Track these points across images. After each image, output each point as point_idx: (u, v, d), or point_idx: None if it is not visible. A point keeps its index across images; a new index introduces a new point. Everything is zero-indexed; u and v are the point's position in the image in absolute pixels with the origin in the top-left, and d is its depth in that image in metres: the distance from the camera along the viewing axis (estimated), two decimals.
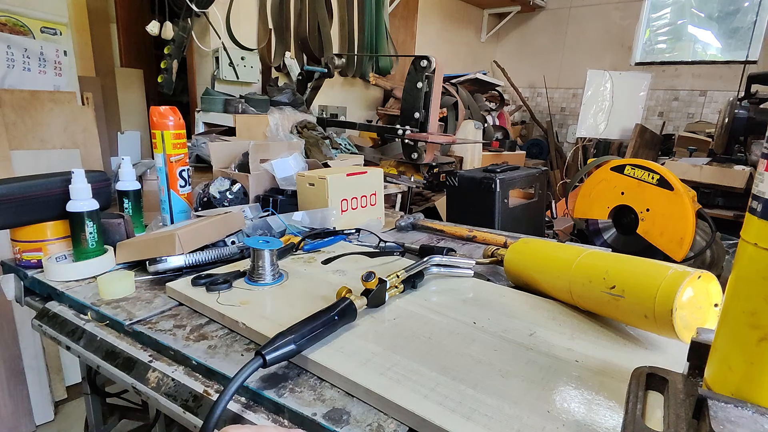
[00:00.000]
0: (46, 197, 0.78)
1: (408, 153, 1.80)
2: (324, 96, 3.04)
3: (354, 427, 0.44)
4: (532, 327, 0.60)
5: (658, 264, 0.56)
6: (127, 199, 0.94)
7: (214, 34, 2.43)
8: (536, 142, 4.57)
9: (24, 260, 0.81)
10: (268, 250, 0.71)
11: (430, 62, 1.64)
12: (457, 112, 3.10)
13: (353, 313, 0.58)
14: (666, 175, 1.69)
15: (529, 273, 0.73)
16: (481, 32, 4.85)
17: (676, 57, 4.21)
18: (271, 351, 0.44)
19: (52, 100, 1.78)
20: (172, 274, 0.78)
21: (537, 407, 0.43)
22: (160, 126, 0.92)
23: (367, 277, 0.62)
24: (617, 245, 1.88)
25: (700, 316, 0.53)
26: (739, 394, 0.35)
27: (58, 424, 1.72)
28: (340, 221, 1.05)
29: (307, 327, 0.50)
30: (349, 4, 3.05)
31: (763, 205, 0.33)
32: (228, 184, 1.12)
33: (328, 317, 0.54)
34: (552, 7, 4.71)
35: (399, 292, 0.68)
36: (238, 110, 2.13)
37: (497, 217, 1.64)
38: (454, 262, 0.78)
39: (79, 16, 2.01)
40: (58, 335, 0.69)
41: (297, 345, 0.48)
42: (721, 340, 0.37)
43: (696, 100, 4.09)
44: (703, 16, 4.06)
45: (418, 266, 0.72)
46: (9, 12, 1.70)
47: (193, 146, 1.47)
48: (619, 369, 0.50)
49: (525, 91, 4.85)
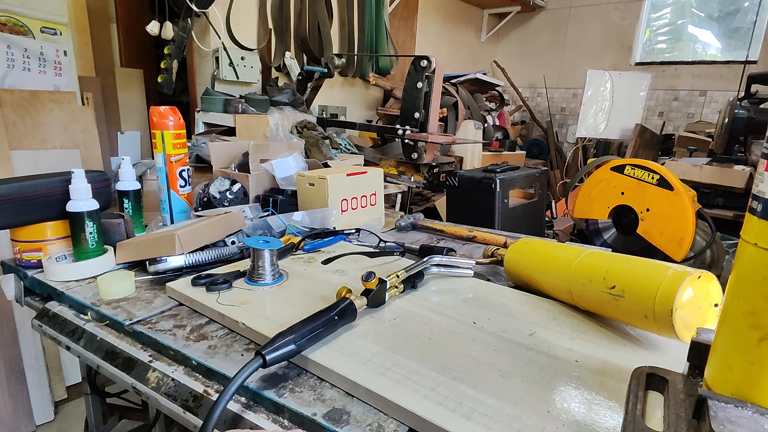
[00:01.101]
0: (46, 197, 0.78)
1: (408, 153, 1.80)
2: (324, 96, 3.03)
3: (354, 427, 0.44)
4: (532, 327, 0.60)
5: (658, 264, 0.56)
6: (127, 199, 0.94)
7: (214, 34, 2.43)
8: (536, 142, 4.57)
9: (24, 260, 0.81)
10: (268, 250, 0.71)
11: (430, 62, 1.64)
12: (457, 112, 3.10)
13: (353, 313, 0.58)
14: (666, 175, 1.69)
15: (529, 273, 0.73)
16: (481, 32, 4.85)
17: (676, 57, 4.21)
18: (271, 351, 0.44)
19: (52, 100, 1.78)
20: (172, 274, 0.78)
21: (537, 407, 0.43)
22: (160, 126, 0.92)
23: (367, 277, 0.62)
24: (617, 245, 1.88)
25: (700, 316, 0.53)
26: (739, 394, 0.35)
27: (58, 424, 1.72)
28: (340, 221, 1.05)
29: (307, 327, 0.50)
30: (349, 4, 3.05)
31: (763, 205, 0.33)
32: (228, 184, 1.12)
33: (328, 317, 0.54)
34: (552, 7, 4.71)
35: (399, 292, 0.68)
36: (238, 110, 2.14)
37: (497, 217, 1.64)
38: (454, 262, 0.78)
39: (79, 16, 2.01)
40: (58, 335, 0.69)
41: (297, 345, 0.48)
42: (721, 340, 0.37)
43: (696, 100, 4.09)
44: (703, 16, 4.06)
45: (418, 266, 0.72)
46: (9, 12, 1.70)
47: (193, 146, 1.47)
48: (619, 369, 0.50)
49: (525, 91, 4.85)
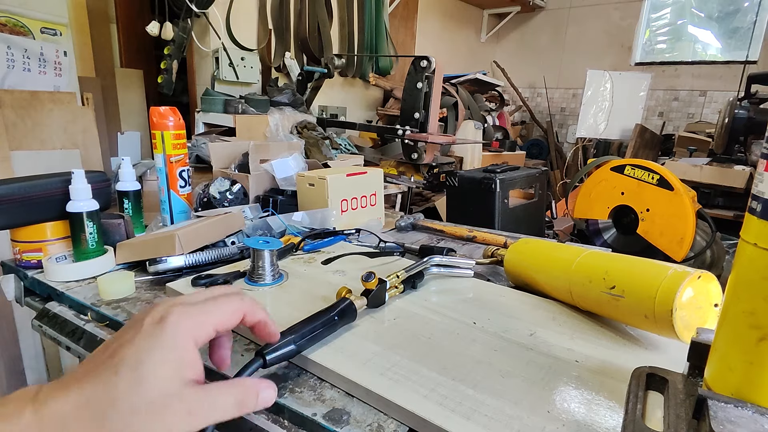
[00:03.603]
0: (46, 197, 0.78)
1: (408, 153, 1.80)
2: (324, 96, 3.04)
3: (354, 427, 0.44)
4: (532, 327, 0.60)
5: (658, 264, 0.56)
6: (127, 200, 0.94)
7: (214, 35, 2.43)
8: (536, 142, 4.57)
9: (24, 261, 0.81)
10: (268, 250, 0.71)
11: (430, 62, 1.64)
12: (457, 112, 3.10)
13: (353, 314, 0.57)
14: (666, 175, 1.69)
15: (529, 273, 0.73)
16: (481, 32, 4.85)
17: (676, 57, 4.21)
18: (271, 351, 0.44)
19: (52, 100, 1.78)
20: (172, 274, 0.78)
21: (537, 407, 0.43)
22: (160, 126, 0.92)
23: (367, 277, 0.62)
24: (617, 245, 1.88)
25: (700, 316, 0.53)
26: (739, 394, 0.35)
27: None
28: (340, 221, 1.05)
29: (307, 327, 0.50)
30: (349, 4, 3.05)
31: (763, 205, 0.33)
32: (228, 184, 1.12)
33: (328, 317, 0.53)
34: (552, 7, 4.71)
35: (399, 293, 0.68)
36: (238, 110, 2.14)
37: (497, 217, 1.64)
38: (454, 262, 0.78)
39: (79, 17, 2.01)
40: (58, 335, 0.69)
41: (297, 345, 0.48)
42: (721, 340, 0.37)
43: (696, 100, 4.09)
44: (703, 16, 4.06)
45: (418, 266, 0.72)
46: (9, 12, 1.70)
47: (193, 146, 1.47)
48: (619, 369, 0.50)
49: (525, 91, 4.85)
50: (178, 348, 0.30)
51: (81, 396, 0.28)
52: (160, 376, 0.28)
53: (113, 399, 0.27)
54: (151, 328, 0.30)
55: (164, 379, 0.29)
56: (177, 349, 0.30)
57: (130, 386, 0.28)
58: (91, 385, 0.28)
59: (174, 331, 0.30)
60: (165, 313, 0.31)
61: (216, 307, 0.34)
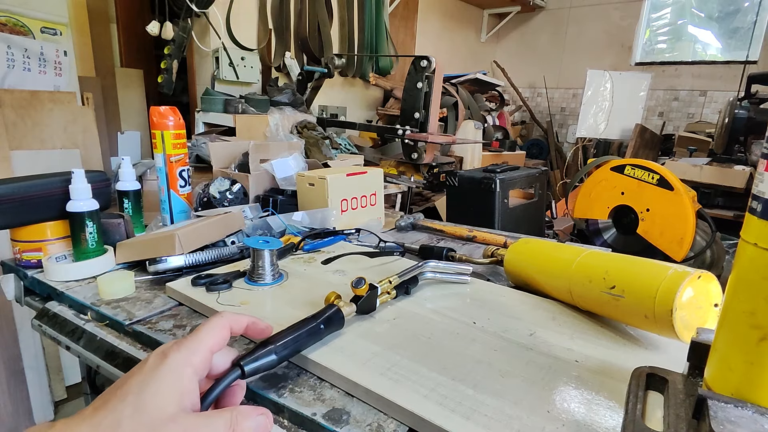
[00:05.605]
0: (46, 197, 0.78)
1: (408, 153, 1.80)
2: (324, 96, 3.04)
3: (354, 427, 0.44)
4: (532, 327, 0.60)
5: (658, 264, 0.56)
6: (127, 199, 0.94)
7: (214, 34, 2.43)
8: (536, 142, 4.57)
9: (24, 260, 0.81)
10: (268, 250, 0.71)
11: (430, 62, 1.64)
12: (457, 112, 3.10)
13: (341, 321, 0.55)
14: (666, 175, 1.69)
15: (529, 273, 0.73)
16: (481, 32, 4.85)
17: (676, 57, 4.21)
18: (251, 362, 0.43)
19: (52, 100, 1.78)
20: (172, 274, 0.78)
21: (537, 407, 0.43)
22: (160, 126, 0.92)
23: (357, 283, 0.59)
24: (617, 245, 1.88)
25: (700, 316, 0.53)
26: (739, 394, 0.35)
27: None
28: (340, 221, 1.05)
29: (289, 336, 0.48)
30: (349, 4, 3.05)
31: (763, 205, 0.33)
32: (228, 184, 1.12)
33: (313, 326, 0.51)
34: (552, 7, 4.71)
35: (391, 298, 0.66)
36: (238, 110, 2.14)
37: (497, 217, 1.64)
38: (450, 268, 0.75)
39: (79, 16, 2.01)
40: (58, 335, 0.69)
41: (278, 355, 0.46)
42: (721, 340, 0.37)
43: (696, 100, 4.09)
44: (703, 16, 4.06)
45: (412, 271, 0.69)
46: (9, 12, 1.70)
47: (193, 146, 1.47)
48: (619, 369, 0.50)
49: (525, 91, 4.85)
50: (176, 377, 0.34)
51: (92, 425, 0.31)
52: (159, 402, 0.32)
53: (119, 421, 0.31)
54: (154, 362, 0.34)
55: (164, 405, 0.32)
56: (175, 378, 0.34)
57: (133, 411, 0.31)
58: (101, 414, 0.31)
59: (173, 362, 0.34)
60: (166, 349, 0.36)
61: (203, 331, 0.38)
